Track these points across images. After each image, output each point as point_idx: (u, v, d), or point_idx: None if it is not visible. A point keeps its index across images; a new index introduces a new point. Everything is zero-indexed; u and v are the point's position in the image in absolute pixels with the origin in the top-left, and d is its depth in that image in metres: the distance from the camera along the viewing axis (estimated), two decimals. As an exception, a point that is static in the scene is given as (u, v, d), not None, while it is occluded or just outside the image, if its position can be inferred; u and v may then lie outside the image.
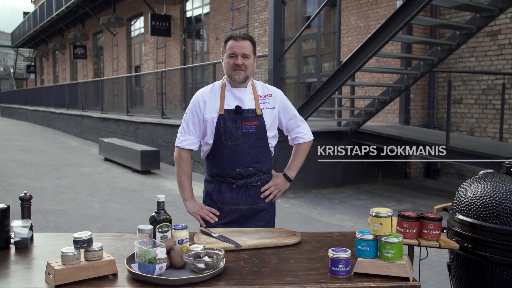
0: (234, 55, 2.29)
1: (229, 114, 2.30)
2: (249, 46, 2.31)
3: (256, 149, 2.33)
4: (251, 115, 2.31)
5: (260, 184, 2.38)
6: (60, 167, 9.97)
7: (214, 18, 13.82)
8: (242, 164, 2.32)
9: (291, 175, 2.51)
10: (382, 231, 1.69)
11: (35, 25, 27.18)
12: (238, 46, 2.28)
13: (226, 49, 2.32)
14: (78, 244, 1.68)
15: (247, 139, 2.30)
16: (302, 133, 2.52)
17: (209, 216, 2.34)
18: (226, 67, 2.33)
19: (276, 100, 2.40)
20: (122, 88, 14.75)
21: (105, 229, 5.29)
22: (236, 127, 2.29)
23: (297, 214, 6.00)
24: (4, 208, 1.96)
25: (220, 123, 2.29)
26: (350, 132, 7.58)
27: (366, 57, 5.71)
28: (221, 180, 2.35)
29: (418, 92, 8.66)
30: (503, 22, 7.53)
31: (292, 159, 2.54)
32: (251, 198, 2.36)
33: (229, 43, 2.31)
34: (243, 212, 2.35)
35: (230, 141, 2.30)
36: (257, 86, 2.42)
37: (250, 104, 2.33)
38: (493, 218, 1.84)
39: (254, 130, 2.31)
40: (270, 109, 2.37)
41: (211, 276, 1.64)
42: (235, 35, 2.32)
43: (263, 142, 2.35)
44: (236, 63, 2.28)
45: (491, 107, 7.82)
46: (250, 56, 2.31)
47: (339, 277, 1.65)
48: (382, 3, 8.77)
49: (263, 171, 2.38)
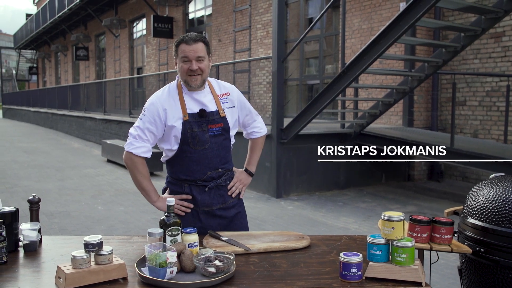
0: (188, 59, 2.19)
1: (194, 118, 2.24)
2: (202, 48, 2.20)
3: (223, 150, 2.32)
4: (216, 118, 2.27)
5: (228, 183, 2.38)
6: (63, 168, 9.97)
7: (216, 20, 13.83)
8: (212, 167, 2.29)
9: (252, 170, 2.53)
10: (394, 235, 1.67)
11: (38, 27, 27.24)
12: (190, 50, 2.18)
13: (178, 53, 2.22)
14: (89, 247, 1.67)
15: (215, 142, 2.28)
16: (257, 127, 2.54)
17: (183, 207, 2.29)
18: (180, 72, 2.23)
19: (234, 98, 2.37)
20: (124, 89, 14.75)
21: (109, 231, 5.29)
22: (203, 130, 2.25)
23: (301, 217, 5.99)
24: (13, 211, 1.96)
25: (186, 128, 2.23)
26: (354, 134, 7.57)
27: (370, 59, 5.70)
28: (191, 183, 2.31)
29: (422, 94, 8.64)
30: (507, 24, 7.51)
31: (251, 154, 2.57)
32: (222, 197, 2.35)
33: (181, 47, 2.20)
34: (216, 213, 2.33)
35: (199, 145, 2.25)
36: (214, 85, 2.37)
37: (211, 106, 2.29)
38: (505, 222, 1.83)
39: (220, 132, 2.28)
40: (230, 108, 2.34)
41: (222, 280, 1.63)
42: (186, 38, 2.20)
43: (227, 142, 2.34)
44: (191, 68, 2.19)
45: (495, 109, 7.80)
46: (205, 58, 2.22)
47: (350, 282, 1.64)
48: (385, 5, 8.76)
49: (230, 169, 2.39)
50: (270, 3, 11.41)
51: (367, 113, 7.47)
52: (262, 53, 11.85)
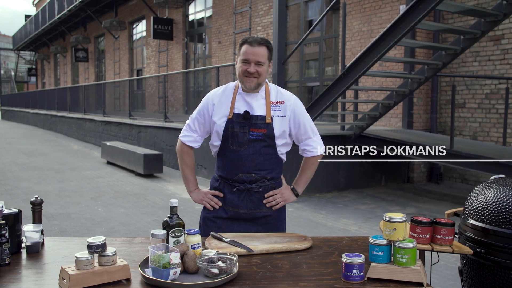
0: (247, 61, 2.20)
1: (237, 119, 2.26)
2: (264, 52, 2.20)
3: (261, 156, 2.27)
4: (260, 122, 2.24)
5: (262, 191, 2.32)
6: (63, 170, 9.97)
7: (216, 22, 13.85)
8: (244, 170, 2.28)
9: (299, 190, 2.46)
10: (396, 236, 1.68)
11: (37, 28, 27.26)
12: (252, 53, 2.19)
13: (240, 53, 2.23)
14: (92, 249, 1.67)
15: (253, 146, 2.26)
16: (311, 146, 2.39)
17: (213, 202, 2.35)
18: (238, 71, 2.26)
19: (287, 108, 2.30)
20: (124, 91, 14.76)
21: (110, 233, 5.29)
22: (243, 132, 2.25)
23: (301, 218, 6.00)
24: (16, 212, 1.96)
25: (228, 127, 2.26)
26: (354, 136, 7.58)
27: (370, 61, 5.71)
28: (225, 181, 2.35)
29: (421, 96, 8.67)
30: (506, 27, 7.54)
31: (300, 174, 2.47)
32: (252, 203, 2.31)
33: (244, 48, 2.22)
34: (241, 216, 2.32)
35: (236, 145, 2.26)
36: (271, 91, 2.33)
37: (260, 110, 2.26)
38: (506, 223, 1.84)
39: (261, 137, 2.25)
40: (280, 117, 2.28)
41: (225, 281, 1.64)
42: (250, 39, 2.21)
43: (270, 149, 2.28)
44: (249, 70, 2.20)
45: (494, 111, 7.82)
46: (265, 63, 2.21)
47: (353, 282, 1.65)
48: (385, 7, 8.79)
49: (267, 178, 2.31)
50: (270, 5, 11.44)
51: (367, 115, 7.49)
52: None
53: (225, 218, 2.34)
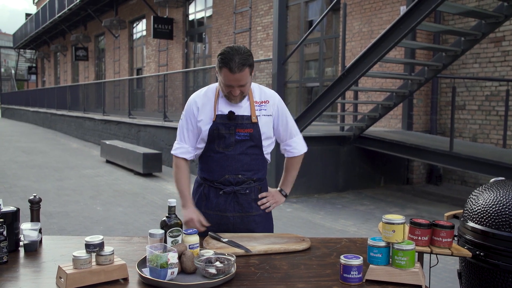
0: (230, 86, 2.13)
1: (222, 120, 2.21)
2: (246, 74, 2.10)
3: (248, 157, 2.24)
4: (245, 122, 2.21)
5: (249, 193, 2.28)
6: (61, 169, 9.96)
7: (216, 21, 13.85)
8: (232, 171, 2.24)
9: (286, 190, 2.47)
10: (395, 238, 1.68)
11: (37, 27, 27.24)
12: (234, 79, 2.09)
13: (221, 75, 2.11)
14: (90, 248, 1.67)
15: (239, 146, 2.23)
16: (292, 146, 2.39)
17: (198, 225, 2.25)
18: (221, 87, 2.19)
19: (272, 107, 2.28)
20: (124, 90, 14.76)
21: (108, 232, 5.28)
22: (229, 133, 2.21)
23: (300, 219, 5.99)
24: (14, 210, 1.96)
25: (213, 129, 2.22)
26: (353, 137, 7.58)
27: (371, 62, 5.71)
28: (210, 184, 2.30)
29: (421, 97, 8.66)
30: (507, 29, 7.54)
31: (285, 174, 2.47)
32: (240, 206, 2.27)
33: (224, 72, 2.08)
34: (230, 220, 2.28)
35: (223, 147, 2.23)
36: (254, 91, 2.29)
37: (245, 110, 2.23)
38: (505, 226, 1.83)
39: (248, 137, 2.22)
40: (266, 116, 2.25)
41: (223, 282, 1.64)
42: (231, 64, 2.04)
43: (256, 149, 2.25)
44: (233, 93, 2.15)
45: (494, 113, 7.82)
46: (248, 81, 2.15)
47: (351, 284, 1.65)
48: (385, 8, 8.79)
49: (254, 179, 2.28)
50: (270, 5, 11.44)
51: (367, 116, 7.48)
52: (262, 55, 11.87)
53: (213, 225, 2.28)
